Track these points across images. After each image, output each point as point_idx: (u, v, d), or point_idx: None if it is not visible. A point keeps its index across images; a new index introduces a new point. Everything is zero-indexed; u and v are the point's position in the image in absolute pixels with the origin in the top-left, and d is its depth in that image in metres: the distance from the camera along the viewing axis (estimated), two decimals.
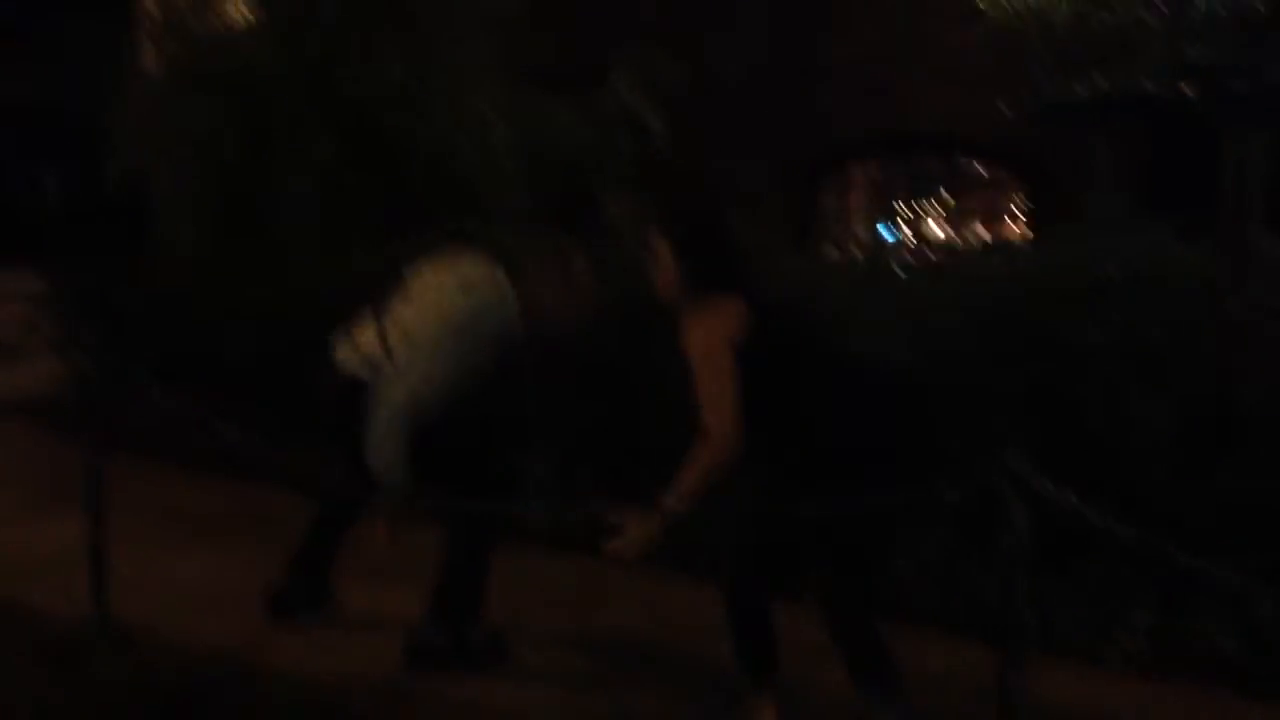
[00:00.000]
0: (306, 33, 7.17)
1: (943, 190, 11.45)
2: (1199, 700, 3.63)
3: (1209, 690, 3.66)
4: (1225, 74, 7.15)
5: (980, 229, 11.34)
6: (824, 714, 3.45)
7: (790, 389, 3.09)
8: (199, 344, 6.76)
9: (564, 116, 8.58)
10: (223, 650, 3.98)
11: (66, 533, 4.52)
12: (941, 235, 11.46)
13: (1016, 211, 11.10)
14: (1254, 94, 6.91)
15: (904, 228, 11.61)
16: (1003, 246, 8.49)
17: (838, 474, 3.03)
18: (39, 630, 4.14)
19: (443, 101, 7.50)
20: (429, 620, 3.84)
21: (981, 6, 9.10)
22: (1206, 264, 4.53)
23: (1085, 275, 4.52)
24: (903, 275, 5.46)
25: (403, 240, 6.41)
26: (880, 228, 11.76)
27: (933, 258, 9.38)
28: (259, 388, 6.19)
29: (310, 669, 3.85)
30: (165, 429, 6.51)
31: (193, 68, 7.89)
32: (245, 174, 7.03)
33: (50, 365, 7.85)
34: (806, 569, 3.22)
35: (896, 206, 11.73)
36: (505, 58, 8.52)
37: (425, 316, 3.64)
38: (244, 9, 8.12)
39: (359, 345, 3.81)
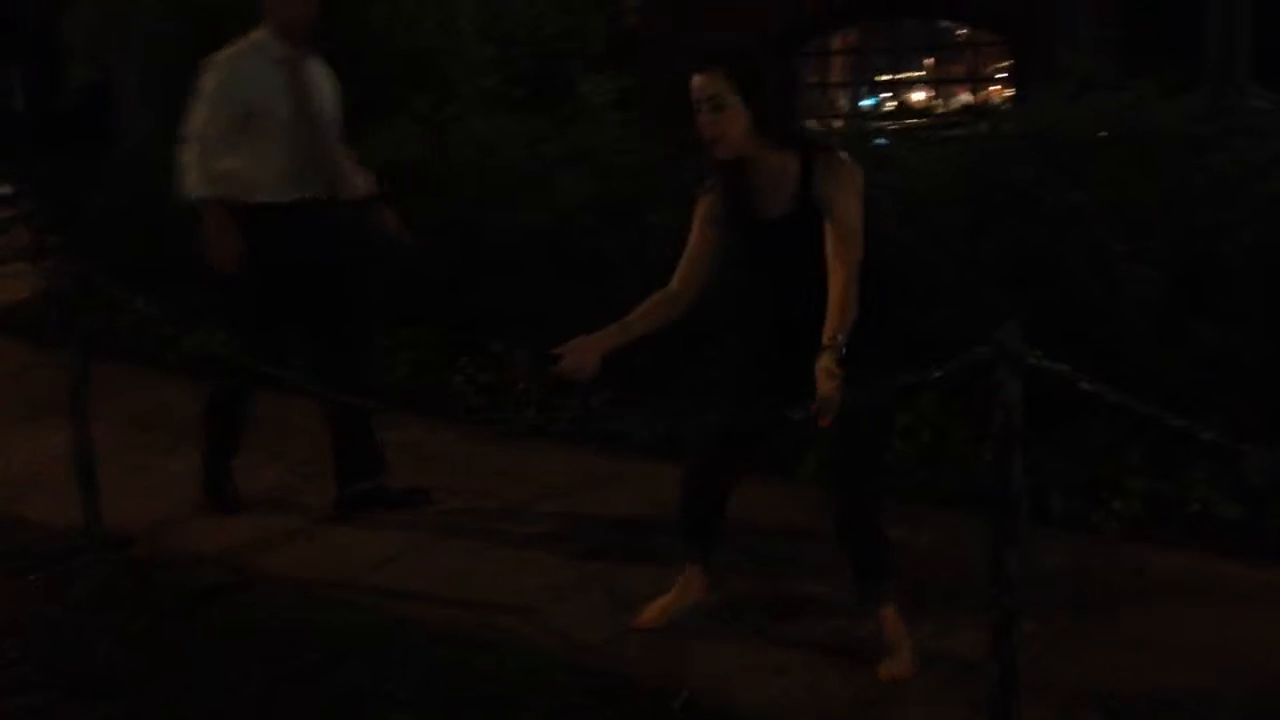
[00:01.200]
0: None
1: (924, 56, 11.25)
2: (1194, 562, 3.64)
3: (1204, 551, 3.68)
4: None
5: (963, 94, 11.15)
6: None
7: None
8: (166, 242, 6.65)
9: None
10: (217, 554, 3.99)
11: (54, 443, 4.52)
12: (924, 102, 11.29)
13: (999, 74, 10.92)
14: None
15: (885, 95, 11.42)
16: (985, 110, 8.34)
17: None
18: (33, 541, 4.13)
19: None
20: (344, 483, 4.32)
21: None
22: (1191, 119, 4.44)
23: (1069, 135, 4.44)
24: (884, 143, 5.34)
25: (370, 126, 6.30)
26: (861, 96, 11.56)
27: (915, 123, 9.23)
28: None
29: (306, 569, 3.87)
30: (141, 333, 6.48)
31: None
32: (194, 66, 6.83)
33: (23, 274, 7.75)
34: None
35: (876, 74, 11.52)
36: None
37: None
38: None
39: None
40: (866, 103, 11.64)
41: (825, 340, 2.66)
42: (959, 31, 11.07)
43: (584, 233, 5.39)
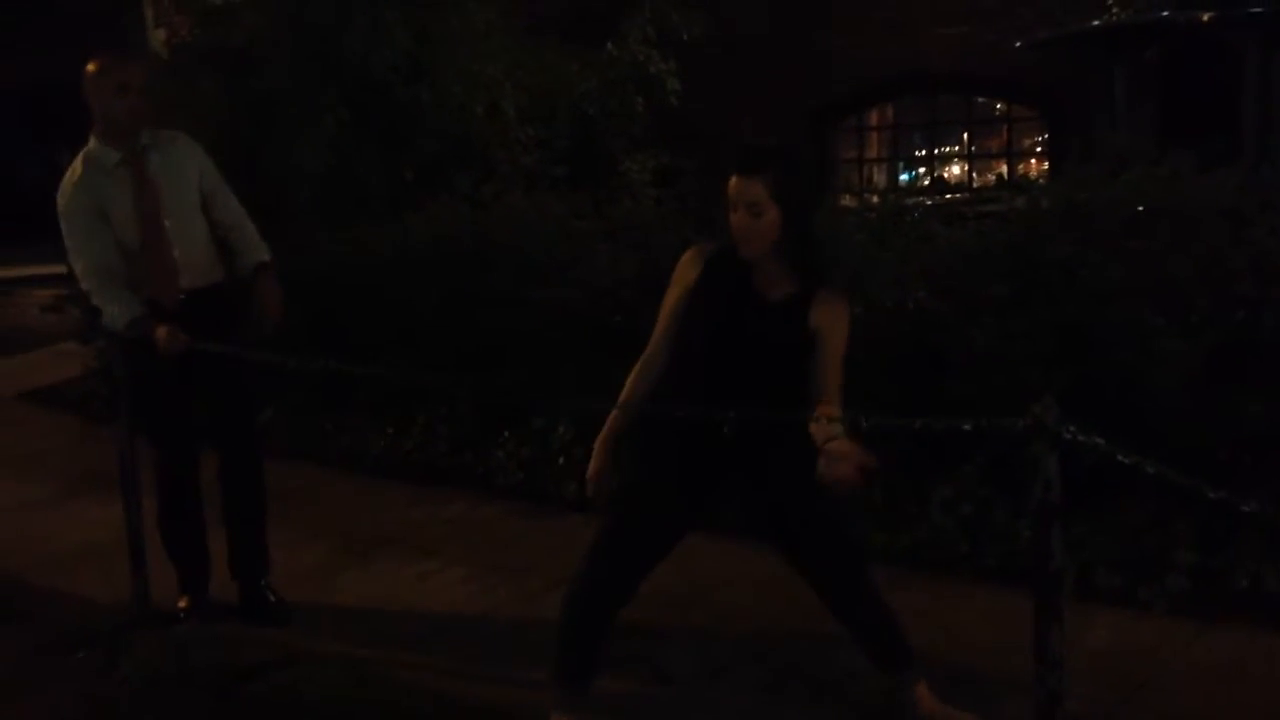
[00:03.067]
0: (313, 4, 7.12)
1: (961, 130, 11.33)
2: (1245, 638, 3.56)
3: (1255, 627, 3.60)
4: None
5: (999, 167, 11.19)
6: None
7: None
8: None
9: (575, 73, 8.50)
10: (261, 630, 4.02)
11: (104, 519, 4.58)
12: (960, 176, 11.34)
13: (1036, 148, 10.96)
14: (1272, 15, 6.77)
15: (921, 170, 11.50)
16: (1022, 184, 8.39)
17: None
18: (81, 617, 4.19)
19: (451, 67, 7.46)
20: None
21: None
22: (1229, 193, 4.45)
23: (1107, 210, 4.46)
24: (920, 219, 5.39)
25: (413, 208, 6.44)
26: (899, 171, 11.64)
27: (952, 198, 9.31)
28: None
29: (350, 646, 3.89)
30: None
31: (198, 42, 7.88)
32: (252, 149, 7.01)
33: (73, 352, 7.91)
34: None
35: (914, 149, 11.61)
36: (513, 13, 8.47)
37: None
38: None
39: None
40: (903, 177, 11.71)
41: (828, 414, 2.74)
42: (995, 106, 11.13)
43: (622, 309, 5.44)
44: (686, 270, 3.04)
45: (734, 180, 2.88)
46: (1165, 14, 7.29)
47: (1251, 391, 3.97)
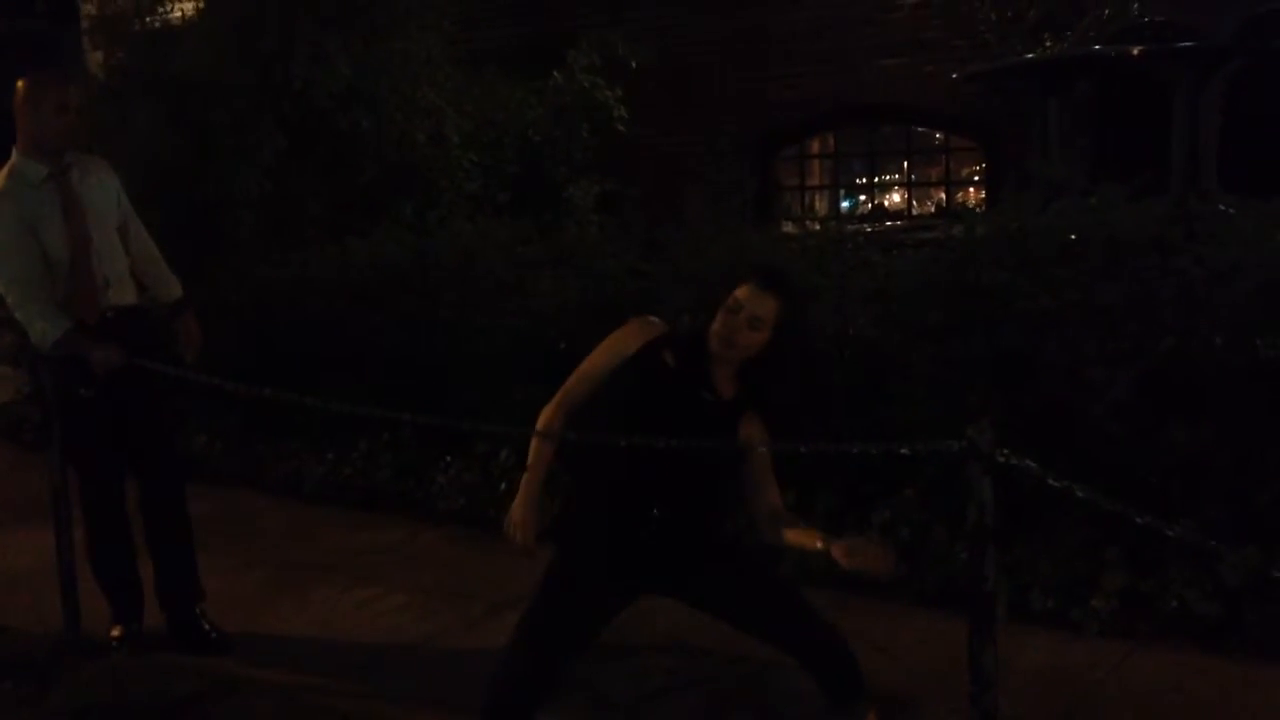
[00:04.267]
0: (253, 32, 7.08)
1: (901, 159, 11.49)
2: (1173, 659, 3.64)
3: (1182, 650, 3.68)
4: (1174, 32, 7.19)
5: (938, 196, 11.35)
6: None
7: None
8: None
9: (520, 100, 8.52)
10: (196, 659, 3.96)
11: (35, 547, 4.51)
12: (900, 204, 11.49)
13: (974, 177, 11.15)
14: (1203, 52, 6.94)
15: (861, 198, 11.64)
16: (959, 213, 8.52)
17: None
18: (11, 648, 4.10)
19: (393, 94, 7.45)
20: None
21: None
22: (1157, 223, 4.55)
23: (1039, 239, 4.54)
24: (860, 246, 5.45)
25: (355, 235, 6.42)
26: (839, 199, 11.78)
27: (891, 225, 9.43)
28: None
29: (287, 673, 3.85)
30: None
31: (137, 69, 7.80)
32: (191, 175, 6.94)
33: (5, 377, 7.77)
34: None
35: (854, 178, 11.76)
36: (459, 42, 8.48)
37: None
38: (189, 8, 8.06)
39: None
40: (844, 205, 11.83)
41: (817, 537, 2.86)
42: (935, 136, 11.29)
43: (566, 334, 5.45)
44: (628, 340, 3.04)
45: (749, 289, 2.90)
46: (1097, 48, 7.44)
47: (1179, 418, 4.05)
